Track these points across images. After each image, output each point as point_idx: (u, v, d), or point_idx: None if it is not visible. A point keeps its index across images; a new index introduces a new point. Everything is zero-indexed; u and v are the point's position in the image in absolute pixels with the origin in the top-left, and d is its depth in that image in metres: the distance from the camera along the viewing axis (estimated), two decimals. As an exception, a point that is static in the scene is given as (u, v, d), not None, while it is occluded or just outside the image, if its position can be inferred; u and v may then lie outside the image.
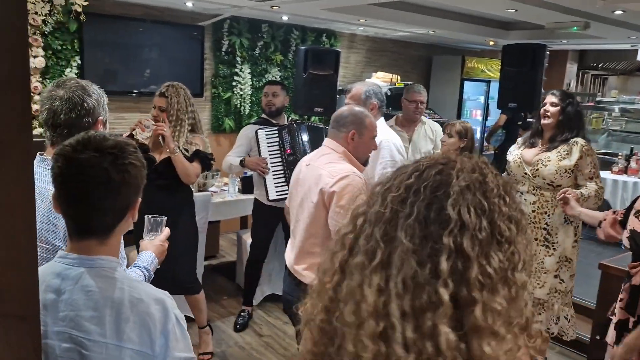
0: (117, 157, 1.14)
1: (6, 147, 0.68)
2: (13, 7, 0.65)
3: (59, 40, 4.49)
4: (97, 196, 1.13)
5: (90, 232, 1.16)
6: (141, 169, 1.19)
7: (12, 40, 0.66)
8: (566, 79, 8.85)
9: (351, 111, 2.32)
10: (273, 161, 3.59)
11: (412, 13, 5.08)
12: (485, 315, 0.66)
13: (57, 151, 1.14)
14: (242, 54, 5.67)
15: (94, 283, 1.12)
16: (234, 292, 4.34)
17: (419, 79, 7.46)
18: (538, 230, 3.04)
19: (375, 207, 0.75)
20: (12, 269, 0.71)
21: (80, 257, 1.15)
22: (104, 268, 1.16)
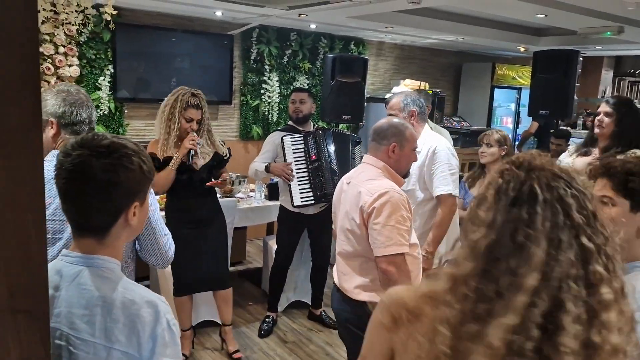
0: (106, 157, 1.13)
1: (17, 147, 0.69)
2: (24, 10, 0.67)
3: (93, 49, 4.62)
4: (85, 195, 1.13)
5: (86, 231, 1.17)
6: (136, 172, 1.17)
7: (23, 43, 0.68)
8: (601, 86, 8.62)
9: (391, 123, 2.26)
10: (298, 167, 3.60)
11: (441, 20, 5.04)
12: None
13: (61, 148, 1.17)
14: (271, 62, 5.72)
15: (90, 281, 1.13)
16: (259, 298, 4.35)
17: (448, 87, 7.40)
18: None
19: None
20: (22, 265, 0.72)
21: (80, 256, 1.16)
22: (102, 268, 1.16)
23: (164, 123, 3.01)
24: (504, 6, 4.00)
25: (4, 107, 0.68)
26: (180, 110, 2.98)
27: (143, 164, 1.19)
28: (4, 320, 0.72)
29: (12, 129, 0.69)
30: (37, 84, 0.70)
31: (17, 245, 0.72)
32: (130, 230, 1.22)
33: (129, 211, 1.18)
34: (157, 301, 1.16)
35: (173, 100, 3.01)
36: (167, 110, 3.01)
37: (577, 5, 3.80)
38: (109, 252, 1.18)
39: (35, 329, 0.74)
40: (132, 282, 1.19)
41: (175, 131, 2.99)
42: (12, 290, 0.72)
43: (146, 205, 1.27)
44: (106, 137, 1.17)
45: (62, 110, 1.78)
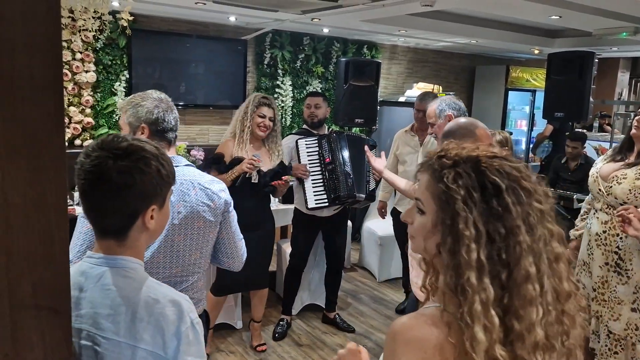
0: (123, 159, 1.13)
1: (41, 148, 0.72)
2: (47, 16, 0.69)
3: (109, 55, 4.70)
4: (101, 196, 1.14)
5: (106, 232, 1.18)
6: (152, 176, 1.16)
7: (46, 48, 0.70)
8: (617, 88, 8.53)
9: (458, 123, 2.21)
10: (312, 170, 3.62)
11: (454, 23, 5.04)
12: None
13: (84, 149, 1.19)
14: (284, 67, 5.75)
15: (113, 282, 1.14)
16: (273, 301, 4.36)
17: (461, 90, 7.37)
18: (609, 254, 2.67)
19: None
20: (46, 263, 0.74)
21: (103, 257, 1.17)
22: (125, 268, 1.17)
23: (238, 123, 3.21)
24: (517, 8, 3.98)
25: (28, 110, 0.70)
26: (253, 108, 3.19)
27: (161, 167, 1.18)
28: (28, 316, 0.74)
29: (36, 131, 0.71)
30: (60, 88, 0.72)
31: (40, 244, 0.74)
32: (149, 233, 1.22)
33: (146, 214, 1.18)
34: (181, 300, 1.16)
35: (247, 102, 3.24)
36: (242, 111, 3.23)
37: (591, 6, 3.77)
38: (130, 253, 1.19)
39: (57, 325, 0.76)
40: (155, 281, 1.20)
41: (248, 127, 3.18)
42: (35, 287, 0.74)
43: (166, 210, 1.25)
44: (126, 140, 1.18)
45: (155, 117, 1.82)
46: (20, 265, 0.73)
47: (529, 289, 0.86)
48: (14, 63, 0.68)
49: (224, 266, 2.00)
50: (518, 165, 0.93)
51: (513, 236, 0.87)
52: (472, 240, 0.88)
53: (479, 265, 0.87)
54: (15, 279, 0.72)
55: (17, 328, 0.73)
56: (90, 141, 4.71)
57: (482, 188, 0.90)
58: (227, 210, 1.93)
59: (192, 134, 5.37)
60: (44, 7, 0.70)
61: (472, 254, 0.87)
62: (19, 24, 0.68)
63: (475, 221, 0.88)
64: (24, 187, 0.71)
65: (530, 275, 0.86)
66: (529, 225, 0.89)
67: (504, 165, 0.92)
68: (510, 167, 0.92)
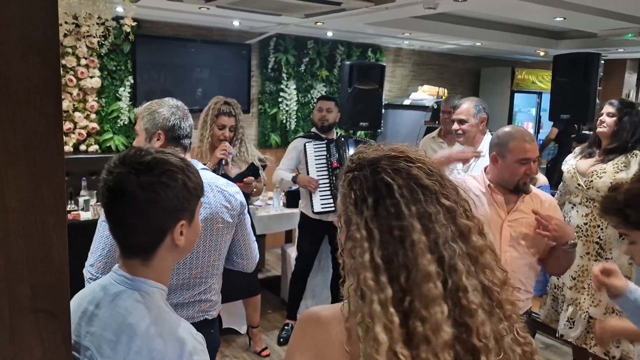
0: (146, 174, 1.08)
1: (39, 152, 0.72)
2: (45, 20, 0.69)
3: (114, 61, 4.72)
4: (123, 212, 1.09)
5: (131, 251, 1.13)
6: (178, 190, 1.11)
7: (44, 52, 0.70)
8: (625, 89, 8.46)
9: (496, 133, 2.20)
10: (320, 174, 3.62)
11: (458, 25, 5.03)
12: None
13: (105, 165, 1.14)
14: (288, 71, 5.76)
15: (125, 305, 1.09)
16: (278, 306, 4.36)
17: (467, 92, 7.35)
18: (590, 244, 2.92)
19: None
20: (45, 266, 0.74)
21: (124, 276, 1.13)
22: (141, 291, 1.11)
23: (198, 132, 3.12)
24: (521, 9, 3.97)
25: (27, 113, 0.71)
26: (212, 117, 3.08)
27: (188, 180, 1.13)
28: (26, 319, 0.74)
29: (35, 134, 0.71)
30: (58, 92, 0.72)
31: (39, 247, 0.74)
32: (178, 251, 1.16)
33: (175, 231, 1.12)
34: (187, 339, 1.08)
35: (207, 109, 3.12)
36: (201, 118, 3.12)
37: (596, 7, 3.76)
38: (154, 275, 1.13)
39: (56, 328, 0.76)
40: (169, 311, 1.12)
41: (207, 138, 3.08)
42: (34, 290, 0.74)
43: (196, 224, 1.19)
44: (149, 153, 1.13)
45: (172, 124, 1.85)
46: (19, 268, 0.73)
47: (430, 288, 0.84)
48: (11, 67, 0.69)
49: (237, 267, 2.02)
50: (420, 163, 0.92)
51: (408, 236, 0.86)
52: (364, 241, 0.88)
53: (374, 265, 0.86)
54: (14, 283, 0.73)
55: (16, 331, 0.73)
56: (95, 147, 4.73)
57: (375, 189, 0.90)
58: (242, 212, 1.95)
59: (194, 139, 5.38)
60: (41, 12, 0.70)
61: (366, 255, 0.87)
62: (16, 28, 0.68)
63: (368, 222, 0.88)
64: (22, 190, 0.72)
65: (431, 274, 0.85)
66: (427, 224, 0.87)
67: (404, 164, 0.91)
68: (412, 166, 0.91)
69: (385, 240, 0.87)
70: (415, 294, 0.84)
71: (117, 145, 4.81)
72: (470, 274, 0.88)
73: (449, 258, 0.87)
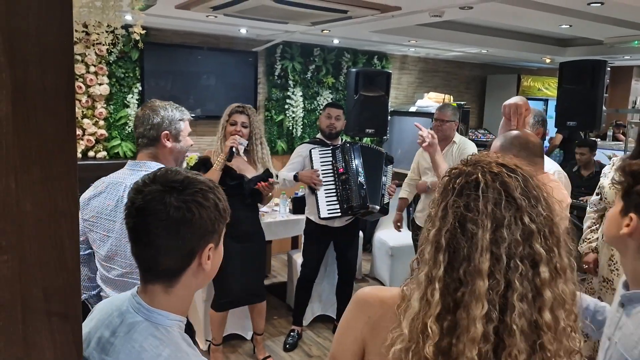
0: (180, 192, 1.04)
1: (53, 157, 0.73)
2: (60, 28, 0.71)
3: (122, 68, 4.77)
4: (154, 233, 1.04)
5: (155, 276, 1.07)
6: (211, 210, 1.07)
7: (59, 59, 0.72)
8: (632, 96, 8.45)
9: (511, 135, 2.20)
10: (326, 180, 3.61)
11: (464, 32, 5.05)
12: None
13: (133, 184, 1.11)
14: (295, 78, 5.79)
15: (140, 339, 1.03)
16: (284, 312, 4.36)
17: (473, 99, 7.36)
18: None
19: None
20: (57, 270, 0.76)
21: (143, 306, 1.07)
22: (159, 325, 1.06)
23: (217, 135, 3.29)
24: (526, 17, 3.98)
25: (41, 120, 0.72)
26: (226, 117, 3.25)
27: (219, 201, 1.10)
28: (40, 322, 0.75)
29: (49, 140, 0.73)
30: (72, 98, 0.74)
31: (52, 251, 0.75)
32: (203, 276, 1.11)
33: (203, 254, 1.07)
34: None
35: (224, 115, 3.28)
36: (220, 124, 3.29)
37: (601, 15, 3.76)
38: (174, 304, 1.09)
39: (68, 331, 0.78)
40: (185, 349, 1.06)
41: (221, 138, 3.22)
42: (47, 293, 0.75)
43: (221, 249, 1.15)
44: (180, 173, 1.09)
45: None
46: (32, 271, 0.74)
47: (479, 284, 0.86)
48: (28, 75, 0.70)
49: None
50: (521, 177, 0.93)
51: (474, 231, 0.89)
52: (437, 220, 0.93)
53: (437, 242, 0.91)
54: (28, 285, 0.74)
55: (29, 333, 0.74)
56: (103, 153, 4.77)
57: (465, 181, 0.94)
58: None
59: (203, 144, 5.41)
60: (56, 22, 0.72)
61: (432, 231, 0.92)
62: (33, 37, 0.70)
63: (446, 206, 0.92)
64: (36, 195, 0.73)
65: (482, 271, 0.87)
66: (497, 228, 0.89)
67: (504, 171, 0.93)
68: (511, 175, 0.93)
69: (455, 227, 0.91)
70: (469, 287, 0.88)
71: (125, 152, 4.85)
72: (525, 299, 0.87)
73: (508, 269, 0.87)
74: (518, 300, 0.86)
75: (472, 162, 0.97)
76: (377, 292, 1.07)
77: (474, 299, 0.86)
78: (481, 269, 0.87)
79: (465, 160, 0.99)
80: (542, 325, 0.87)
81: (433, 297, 0.88)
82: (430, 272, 0.90)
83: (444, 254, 0.90)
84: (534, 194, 0.93)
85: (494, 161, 0.96)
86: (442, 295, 0.88)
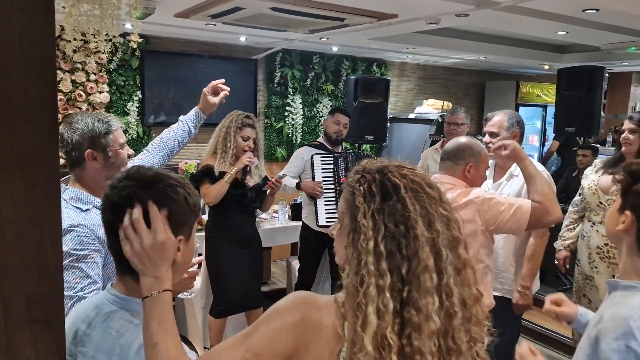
0: (151, 186, 1.08)
1: (36, 165, 0.74)
2: (42, 36, 0.72)
3: (122, 76, 4.79)
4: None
5: (127, 267, 1.09)
6: (180, 204, 1.10)
7: (41, 64, 0.72)
8: (631, 102, 8.44)
9: (467, 144, 2.26)
10: (326, 187, 3.62)
11: (462, 39, 5.06)
12: None
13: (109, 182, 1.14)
14: (294, 85, 5.81)
15: (117, 325, 1.07)
16: (283, 319, 4.35)
17: (472, 106, 7.37)
18: (615, 266, 2.73)
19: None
20: (40, 277, 0.76)
21: (118, 295, 1.12)
22: (134, 312, 1.09)
23: (220, 143, 3.19)
24: (523, 24, 3.99)
25: (24, 128, 0.73)
26: (236, 129, 3.18)
27: (188, 196, 1.13)
28: (22, 330, 0.76)
29: (31, 148, 0.73)
30: (54, 106, 0.74)
31: (35, 259, 0.75)
32: (174, 268, 1.12)
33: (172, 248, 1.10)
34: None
35: (228, 122, 3.21)
36: (224, 131, 3.20)
37: (597, 22, 3.77)
38: None
39: (51, 338, 0.78)
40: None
41: (232, 149, 3.16)
42: (29, 301, 0.75)
43: (192, 243, 1.18)
44: (151, 169, 1.15)
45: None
46: (14, 279, 0.74)
47: (426, 279, 0.90)
48: (10, 82, 0.71)
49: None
50: (424, 175, 1.00)
51: (412, 230, 0.92)
52: (369, 229, 0.93)
53: (377, 252, 0.92)
54: (10, 293, 0.74)
55: (11, 341, 0.74)
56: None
57: (382, 186, 0.96)
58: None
59: (203, 152, 5.42)
60: (39, 31, 0.72)
61: (370, 242, 0.93)
62: (15, 45, 0.71)
63: (374, 213, 0.94)
64: (18, 202, 0.74)
65: (428, 266, 0.90)
66: (428, 222, 0.94)
67: (409, 172, 0.99)
68: (416, 174, 0.99)
69: (390, 231, 0.93)
70: (414, 284, 0.90)
71: (124, 159, 4.86)
72: (455, 282, 0.94)
73: (445, 259, 0.93)
74: (454, 285, 0.92)
75: (374, 169, 1.00)
76: (314, 296, 1.04)
77: (423, 295, 0.89)
78: (428, 265, 0.90)
79: (363, 169, 1.02)
80: (467, 300, 0.94)
81: (387, 308, 0.89)
82: (377, 282, 0.91)
83: (385, 261, 0.92)
84: (435, 186, 0.99)
85: (390, 165, 1.01)
86: (394, 303, 0.90)
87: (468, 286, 0.95)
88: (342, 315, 0.94)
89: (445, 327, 0.91)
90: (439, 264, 0.92)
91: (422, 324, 0.88)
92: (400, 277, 0.91)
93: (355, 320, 0.91)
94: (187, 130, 2.43)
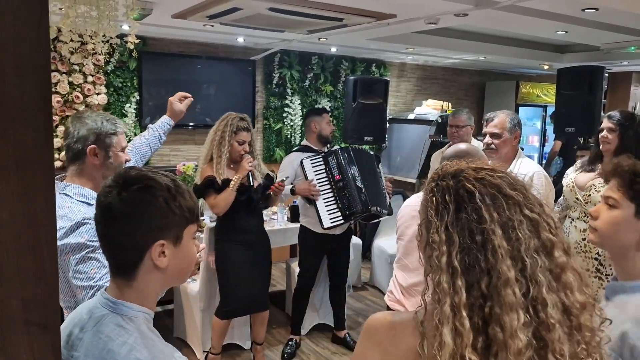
0: (126, 189, 1.08)
1: (31, 167, 0.73)
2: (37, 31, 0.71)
3: (120, 78, 4.78)
4: (107, 229, 1.10)
5: (115, 270, 1.11)
6: (158, 207, 1.08)
7: (36, 69, 0.72)
8: (631, 102, 8.44)
9: (467, 149, 2.25)
10: (322, 189, 3.58)
11: (462, 40, 5.06)
12: None
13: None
14: (293, 86, 5.81)
15: (107, 330, 1.06)
16: (283, 321, 4.34)
17: (472, 106, 7.37)
18: (589, 260, 2.81)
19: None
20: (36, 280, 0.76)
21: (109, 299, 1.11)
22: (124, 315, 1.08)
23: (215, 148, 3.14)
24: (522, 24, 3.99)
25: (19, 129, 0.72)
26: (231, 133, 3.13)
27: (172, 199, 1.10)
28: (17, 332, 0.75)
29: (27, 149, 0.73)
30: (49, 107, 0.74)
31: (31, 260, 0.75)
32: (161, 274, 1.11)
33: (153, 250, 1.08)
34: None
35: (223, 125, 3.15)
36: (218, 135, 3.15)
37: (597, 21, 3.77)
38: (137, 297, 1.11)
39: (47, 341, 0.77)
40: (151, 337, 1.08)
41: (226, 154, 3.12)
42: (26, 303, 0.75)
43: (186, 249, 1.14)
44: (134, 169, 1.14)
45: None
46: (10, 281, 0.74)
47: (509, 294, 0.83)
48: (5, 85, 0.70)
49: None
50: (503, 175, 0.93)
51: (489, 241, 0.86)
52: (442, 245, 0.88)
53: (451, 269, 0.87)
54: (6, 295, 0.74)
55: (7, 343, 0.74)
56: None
57: (457, 195, 0.91)
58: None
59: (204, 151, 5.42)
60: (34, 33, 0.72)
61: (443, 258, 0.88)
62: (10, 48, 0.70)
63: (448, 226, 0.89)
64: (14, 204, 0.73)
65: (510, 280, 0.84)
66: (509, 230, 0.87)
67: (486, 174, 0.92)
68: (494, 176, 0.92)
69: (466, 244, 0.87)
70: (496, 300, 0.84)
71: (123, 161, 4.85)
72: (551, 289, 0.86)
73: (531, 268, 0.86)
74: (547, 294, 0.85)
75: (450, 174, 0.95)
76: (385, 316, 1.00)
77: (506, 311, 0.83)
78: (509, 278, 0.84)
79: (438, 175, 0.97)
80: (571, 307, 0.87)
81: (464, 327, 0.84)
82: (452, 301, 0.86)
83: (461, 277, 0.87)
84: (520, 185, 0.93)
85: (468, 167, 0.95)
86: (469, 320, 0.85)
87: (571, 292, 0.88)
88: (422, 334, 0.90)
89: (540, 342, 0.84)
90: (525, 274, 0.86)
91: (507, 341, 0.82)
92: (480, 292, 0.86)
93: (433, 341, 0.87)
94: (157, 137, 2.60)
